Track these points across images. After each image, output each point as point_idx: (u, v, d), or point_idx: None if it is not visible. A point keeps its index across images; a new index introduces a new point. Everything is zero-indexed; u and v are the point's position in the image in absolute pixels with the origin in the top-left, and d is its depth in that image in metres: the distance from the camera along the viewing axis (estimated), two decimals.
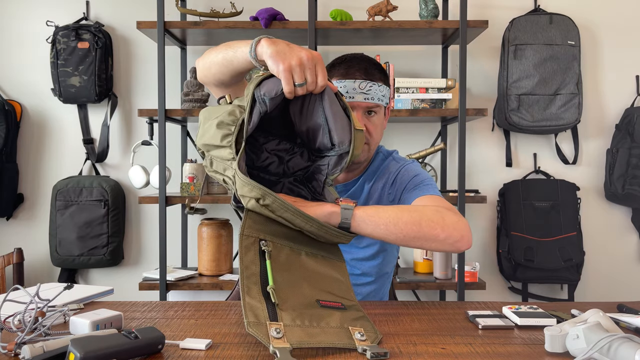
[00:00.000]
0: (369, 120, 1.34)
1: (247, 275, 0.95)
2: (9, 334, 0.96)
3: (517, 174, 2.64)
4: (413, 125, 2.63)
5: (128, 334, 0.83)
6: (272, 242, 1.02)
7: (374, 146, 1.38)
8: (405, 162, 1.44)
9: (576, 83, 2.45)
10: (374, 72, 1.34)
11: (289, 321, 0.91)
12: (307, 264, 1.04)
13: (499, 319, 1.06)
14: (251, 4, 2.53)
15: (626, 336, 0.78)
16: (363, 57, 1.38)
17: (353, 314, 0.99)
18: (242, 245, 0.99)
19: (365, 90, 1.31)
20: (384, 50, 2.57)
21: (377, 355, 0.86)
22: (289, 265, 1.01)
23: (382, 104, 1.35)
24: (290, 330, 0.89)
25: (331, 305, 0.98)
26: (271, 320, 0.90)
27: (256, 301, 0.93)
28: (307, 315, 0.94)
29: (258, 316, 0.90)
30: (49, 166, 2.66)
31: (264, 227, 1.03)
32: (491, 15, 2.59)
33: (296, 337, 0.89)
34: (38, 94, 2.65)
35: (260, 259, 0.99)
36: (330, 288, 1.03)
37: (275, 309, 0.92)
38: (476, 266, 2.36)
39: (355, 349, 0.89)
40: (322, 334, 0.91)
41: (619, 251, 2.64)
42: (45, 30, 2.61)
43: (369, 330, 0.95)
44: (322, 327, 0.93)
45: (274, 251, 1.01)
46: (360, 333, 0.93)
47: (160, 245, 2.25)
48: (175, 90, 2.61)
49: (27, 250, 2.56)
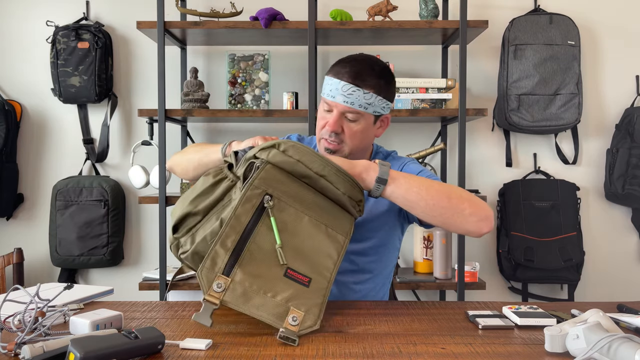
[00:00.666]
0: (347, 123, 1.33)
1: (232, 224, 0.97)
2: (9, 334, 0.96)
3: (517, 174, 2.64)
4: (413, 125, 2.63)
5: (128, 334, 0.83)
6: (279, 199, 1.01)
7: (356, 149, 1.36)
8: (406, 160, 1.44)
9: (576, 83, 2.45)
10: (366, 78, 1.31)
11: (239, 280, 0.93)
12: (304, 230, 1.03)
13: (499, 319, 1.06)
14: (251, 4, 2.53)
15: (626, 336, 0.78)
16: (364, 61, 1.35)
17: (309, 294, 0.99)
18: (244, 195, 0.99)
19: (346, 93, 1.30)
20: (384, 50, 2.57)
21: (286, 339, 0.90)
22: (284, 225, 1.01)
23: (364, 112, 1.32)
24: (233, 289, 0.92)
25: (295, 278, 0.99)
26: (224, 273, 0.93)
27: (224, 250, 0.95)
28: (260, 280, 0.95)
29: (215, 265, 0.93)
30: (49, 166, 2.66)
31: (277, 183, 1.02)
32: (491, 15, 2.59)
33: (232, 297, 0.91)
34: (38, 94, 2.65)
35: (256, 213, 0.99)
36: (312, 260, 1.03)
37: (234, 264, 0.94)
38: (476, 266, 2.36)
39: (277, 327, 0.93)
40: (259, 304, 0.93)
41: (619, 251, 2.64)
42: (45, 30, 2.61)
43: (308, 319, 0.96)
44: (266, 297, 0.95)
45: (276, 208, 1.00)
46: (294, 318, 0.94)
47: (160, 245, 2.25)
48: (175, 90, 2.61)
49: (27, 250, 2.56)
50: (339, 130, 1.33)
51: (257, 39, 2.44)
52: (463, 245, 2.25)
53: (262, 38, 2.43)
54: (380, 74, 1.34)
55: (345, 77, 1.31)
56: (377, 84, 1.32)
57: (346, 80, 1.31)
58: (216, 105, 2.58)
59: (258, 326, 1.01)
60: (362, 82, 1.31)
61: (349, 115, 1.33)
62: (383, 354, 0.88)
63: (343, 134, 1.33)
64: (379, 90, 1.33)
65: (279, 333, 0.92)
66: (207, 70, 2.64)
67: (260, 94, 2.46)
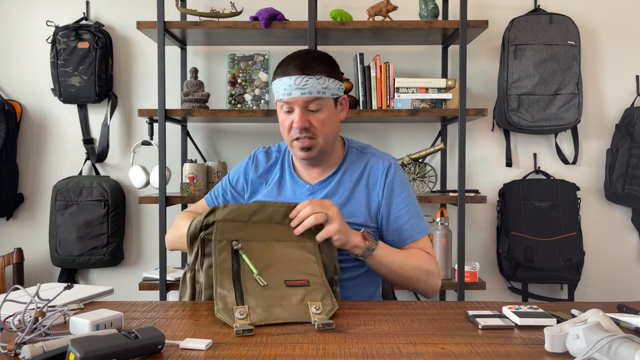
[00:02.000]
0: (312, 115, 1.35)
1: (220, 270, 1.12)
2: (9, 334, 0.96)
3: (517, 174, 2.64)
4: (413, 125, 2.63)
5: (128, 334, 0.83)
6: (244, 241, 1.17)
7: (328, 138, 1.39)
8: (389, 164, 1.45)
9: (576, 83, 2.45)
10: (313, 65, 1.34)
11: (253, 304, 1.05)
12: (278, 251, 1.18)
13: (499, 319, 1.06)
14: (251, 4, 2.52)
15: (626, 336, 0.78)
16: (303, 52, 1.39)
17: (315, 289, 1.11)
18: (215, 248, 1.16)
19: (300, 85, 1.32)
20: (384, 50, 2.57)
21: (324, 325, 1.00)
22: (260, 254, 1.16)
23: (324, 96, 1.34)
24: (254, 311, 1.04)
25: (296, 284, 1.12)
26: (237, 304, 1.05)
27: (226, 291, 1.08)
28: (270, 297, 1.07)
29: (227, 303, 1.05)
30: (49, 166, 2.66)
31: (233, 231, 1.18)
32: (491, 15, 2.59)
33: (257, 317, 1.02)
34: (38, 94, 2.65)
35: (233, 256, 1.14)
36: (299, 267, 1.16)
37: (243, 296, 1.07)
38: (476, 266, 2.36)
39: (309, 321, 1.03)
40: (281, 312, 1.04)
41: (619, 251, 2.64)
42: (45, 30, 2.61)
43: (327, 304, 1.08)
44: (284, 305, 1.06)
45: (245, 248, 1.16)
46: (316, 307, 1.05)
47: (160, 245, 2.25)
48: (175, 90, 2.61)
49: (27, 250, 2.56)
50: (307, 124, 1.35)
51: (257, 39, 2.44)
52: (463, 245, 2.25)
53: (262, 38, 2.43)
54: (324, 59, 1.38)
55: (293, 71, 1.33)
56: (325, 69, 1.36)
57: (296, 74, 1.33)
58: (216, 105, 2.58)
59: (258, 326, 1.01)
60: (311, 70, 1.33)
61: (311, 106, 1.34)
62: (383, 354, 0.88)
63: (312, 127, 1.35)
64: (330, 73, 1.36)
65: (315, 325, 1.00)
66: (207, 70, 2.64)
67: (260, 94, 2.46)
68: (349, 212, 1.39)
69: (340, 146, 1.49)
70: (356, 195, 1.42)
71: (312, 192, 1.44)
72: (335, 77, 1.37)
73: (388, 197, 1.42)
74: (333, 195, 1.42)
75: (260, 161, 1.53)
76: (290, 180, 1.48)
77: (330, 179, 1.44)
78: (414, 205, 1.45)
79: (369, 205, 1.42)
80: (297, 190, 1.46)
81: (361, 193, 1.42)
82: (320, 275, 1.15)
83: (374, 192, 1.42)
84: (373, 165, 1.44)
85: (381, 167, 1.44)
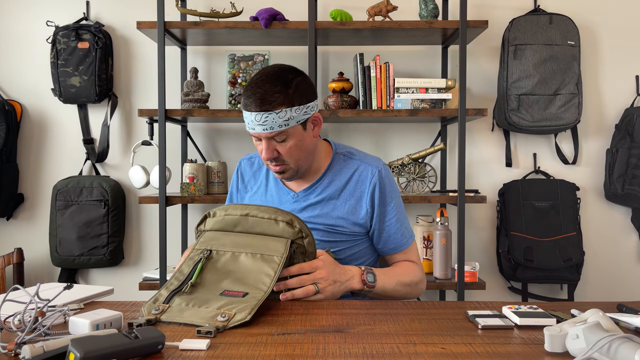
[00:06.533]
0: (279, 145, 1.36)
1: (176, 276, 1.17)
2: (9, 334, 0.96)
3: (517, 174, 2.64)
4: (413, 125, 2.63)
5: (128, 334, 0.83)
6: (217, 251, 1.21)
7: (300, 161, 1.39)
8: (377, 172, 1.45)
9: (576, 83, 2.45)
10: (271, 100, 1.30)
11: (176, 305, 1.08)
12: (241, 264, 1.19)
13: (498, 318, 1.06)
14: (251, 4, 2.53)
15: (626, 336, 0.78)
16: (263, 81, 1.32)
17: (242, 302, 1.08)
18: (188, 256, 1.21)
19: (261, 122, 1.31)
20: (384, 51, 2.57)
21: (206, 332, 0.96)
22: (224, 264, 1.19)
23: (287, 128, 1.32)
24: (170, 310, 1.06)
25: (231, 295, 1.11)
26: (164, 302, 1.09)
27: (166, 291, 1.12)
28: (195, 300, 1.09)
29: (157, 301, 1.09)
30: (49, 166, 2.66)
31: (214, 241, 1.23)
32: (491, 15, 2.59)
33: (168, 315, 1.05)
34: (38, 94, 2.65)
35: (194, 266, 1.19)
36: (249, 281, 1.15)
37: (174, 296, 1.10)
38: (476, 266, 2.36)
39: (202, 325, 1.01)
40: (192, 315, 1.04)
41: (619, 251, 2.64)
42: (45, 30, 2.61)
43: (239, 316, 1.03)
44: (200, 309, 1.06)
45: (215, 257, 1.20)
46: (223, 315, 1.02)
47: (160, 245, 2.25)
48: (175, 90, 2.61)
49: (27, 250, 2.56)
50: (275, 154, 1.37)
51: (257, 39, 2.44)
52: (463, 245, 2.25)
53: (262, 38, 2.43)
54: (285, 85, 1.32)
55: (252, 107, 1.31)
56: (285, 99, 1.31)
57: (255, 110, 1.31)
58: (216, 105, 2.58)
59: (258, 326, 1.01)
60: (269, 105, 1.30)
61: (277, 138, 1.34)
62: (383, 354, 0.88)
63: (280, 155, 1.37)
64: (291, 102, 1.32)
65: (201, 328, 0.96)
66: (207, 70, 2.64)
67: None
68: (334, 220, 1.42)
69: (325, 152, 1.49)
70: (342, 202, 1.43)
71: (297, 200, 1.46)
72: (300, 104, 1.32)
73: (380, 207, 1.44)
74: (318, 203, 1.43)
75: (245, 169, 1.59)
76: (275, 188, 1.51)
77: (315, 186, 1.45)
78: (402, 211, 1.49)
79: (356, 213, 1.43)
80: (282, 197, 1.48)
81: (348, 200, 1.43)
82: (263, 290, 1.11)
83: (362, 200, 1.43)
84: (362, 172, 1.45)
85: (369, 175, 1.44)
